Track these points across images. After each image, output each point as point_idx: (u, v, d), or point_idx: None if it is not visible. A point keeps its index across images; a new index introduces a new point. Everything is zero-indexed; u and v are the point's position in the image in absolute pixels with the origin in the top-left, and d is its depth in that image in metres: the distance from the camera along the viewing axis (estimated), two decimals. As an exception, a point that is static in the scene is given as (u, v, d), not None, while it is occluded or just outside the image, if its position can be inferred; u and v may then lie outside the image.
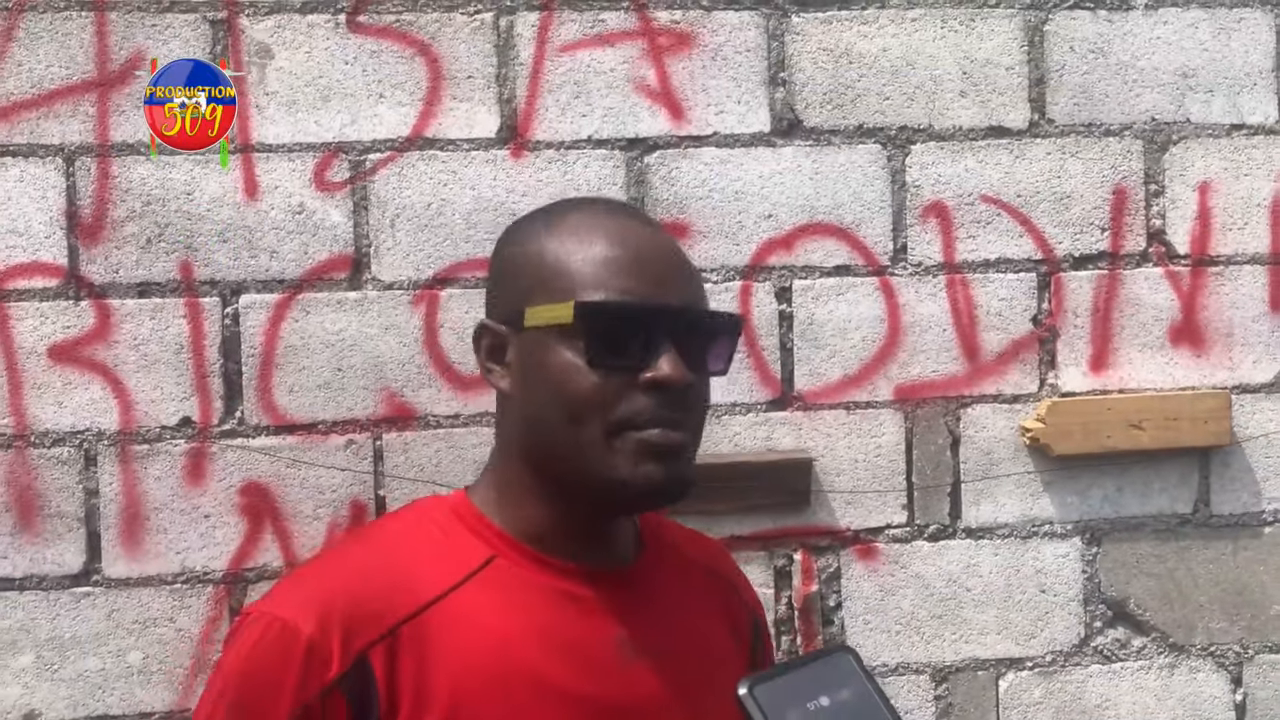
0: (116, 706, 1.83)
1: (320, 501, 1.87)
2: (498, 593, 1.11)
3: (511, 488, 1.16)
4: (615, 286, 1.11)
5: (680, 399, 1.10)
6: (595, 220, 1.16)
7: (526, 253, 1.17)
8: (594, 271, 1.12)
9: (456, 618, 1.08)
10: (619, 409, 1.09)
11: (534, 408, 1.14)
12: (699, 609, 1.22)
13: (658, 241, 1.18)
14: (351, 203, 1.88)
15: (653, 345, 1.09)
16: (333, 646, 1.04)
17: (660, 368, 1.09)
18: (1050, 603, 2.02)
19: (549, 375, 1.12)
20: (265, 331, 1.87)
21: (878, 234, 1.99)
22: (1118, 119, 2.03)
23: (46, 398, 1.83)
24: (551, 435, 1.12)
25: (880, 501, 1.98)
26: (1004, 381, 2.01)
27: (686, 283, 1.16)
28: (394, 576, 1.10)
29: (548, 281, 1.14)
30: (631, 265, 1.12)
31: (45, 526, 1.83)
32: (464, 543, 1.14)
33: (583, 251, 1.13)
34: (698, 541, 1.35)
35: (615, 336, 1.10)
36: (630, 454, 1.09)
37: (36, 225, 1.83)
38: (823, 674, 0.88)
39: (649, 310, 1.10)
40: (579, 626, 1.11)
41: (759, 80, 1.97)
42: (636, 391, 1.09)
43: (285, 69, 1.87)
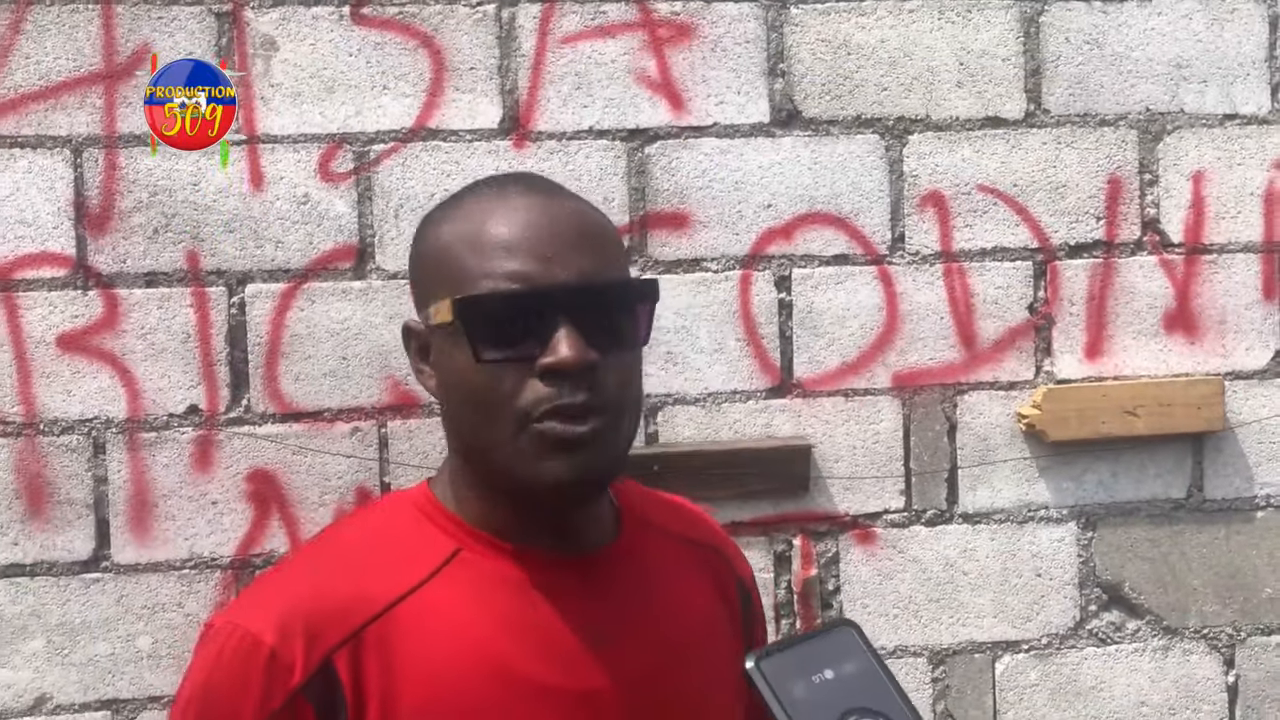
0: (126, 690, 1.86)
1: (326, 488, 1.89)
2: (464, 587, 1.08)
3: (462, 481, 1.11)
4: (499, 273, 1.05)
5: (586, 382, 1.04)
6: (485, 203, 1.10)
7: (426, 247, 1.13)
8: (476, 261, 1.06)
9: (422, 616, 1.05)
10: (518, 401, 1.03)
11: (450, 408, 1.11)
12: (682, 583, 1.19)
13: (552, 214, 1.09)
14: (356, 193, 1.91)
15: (548, 328, 1.03)
16: (295, 654, 1.02)
17: (554, 352, 1.02)
18: (1046, 586, 2.05)
19: (452, 375, 1.08)
20: (271, 320, 1.89)
21: (876, 223, 2.01)
22: (1113, 109, 2.05)
23: (55, 386, 1.85)
24: (467, 435, 1.09)
25: (878, 487, 2.01)
26: (1000, 369, 2.03)
27: (588, 254, 1.08)
28: (357, 579, 1.07)
29: (441, 276, 1.09)
30: (515, 246, 1.06)
31: (55, 513, 1.85)
32: (428, 538, 1.10)
33: (467, 240, 1.07)
34: (678, 511, 1.30)
35: (500, 328, 1.04)
36: (533, 450, 1.03)
37: (45, 216, 1.85)
38: (827, 648, 0.89)
39: (533, 294, 1.04)
40: (548, 615, 1.08)
41: (758, 71, 1.99)
42: (535, 380, 1.03)
43: (290, 61, 1.89)
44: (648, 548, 1.17)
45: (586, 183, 1.94)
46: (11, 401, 1.84)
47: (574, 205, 1.14)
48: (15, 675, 1.84)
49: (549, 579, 1.09)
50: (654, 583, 1.16)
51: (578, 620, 1.08)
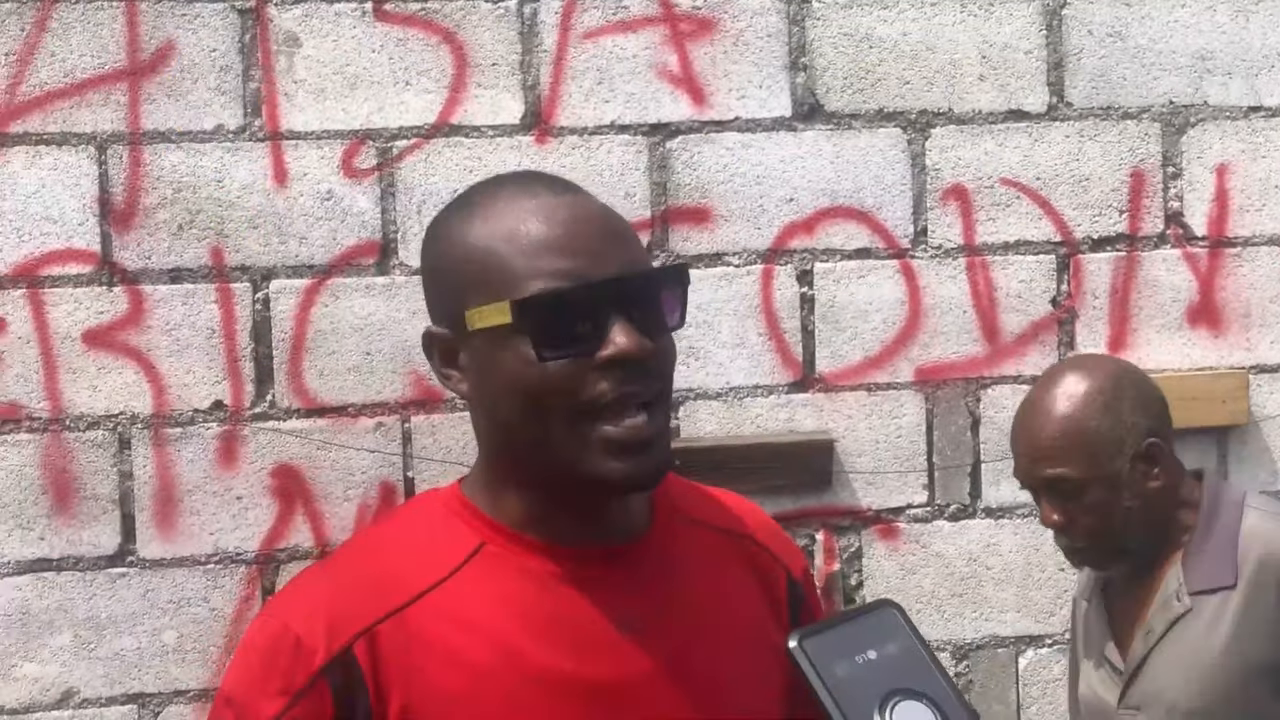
0: (152, 684, 1.87)
1: (350, 483, 1.90)
2: (486, 581, 1.09)
3: (495, 478, 1.14)
4: (549, 271, 1.06)
5: (643, 370, 1.05)
6: (514, 202, 1.11)
7: (453, 251, 1.11)
8: (524, 261, 1.07)
9: (443, 609, 1.07)
10: (580, 395, 1.05)
11: (496, 409, 1.10)
12: (718, 575, 1.19)
13: (585, 210, 1.11)
14: (379, 189, 1.91)
15: (602, 322, 1.04)
16: (317, 640, 1.06)
17: (616, 342, 1.04)
18: (1069, 581, 2.04)
19: (504, 376, 1.07)
20: (295, 316, 1.90)
21: (898, 217, 2.01)
22: (1136, 102, 2.05)
23: (81, 382, 1.86)
24: (518, 434, 1.09)
25: (901, 482, 2.01)
26: (1023, 362, 2.03)
27: (622, 248, 1.10)
28: (381, 574, 1.10)
29: (480, 280, 1.08)
30: (562, 243, 1.07)
31: (81, 509, 1.86)
32: (454, 534, 1.12)
33: (508, 240, 1.08)
34: (718, 503, 1.29)
35: (561, 324, 1.05)
36: (600, 449, 1.05)
37: (70, 212, 1.86)
38: (870, 628, 0.89)
39: (589, 288, 1.05)
40: (572, 608, 1.09)
41: (780, 65, 1.99)
42: (595, 373, 1.04)
43: (313, 57, 1.90)
44: (681, 539, 1.17)
45: (608, 178, 1.94)
46: (38, 397, 1.85)
47: (597, 202, 1.15)
48: (43, 670, 1.85)
49: (574, 572, 1.10)
50: (685, 574, 1.16)
51: (602, 612, 1.09)
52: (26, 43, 1.84)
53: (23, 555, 1.85)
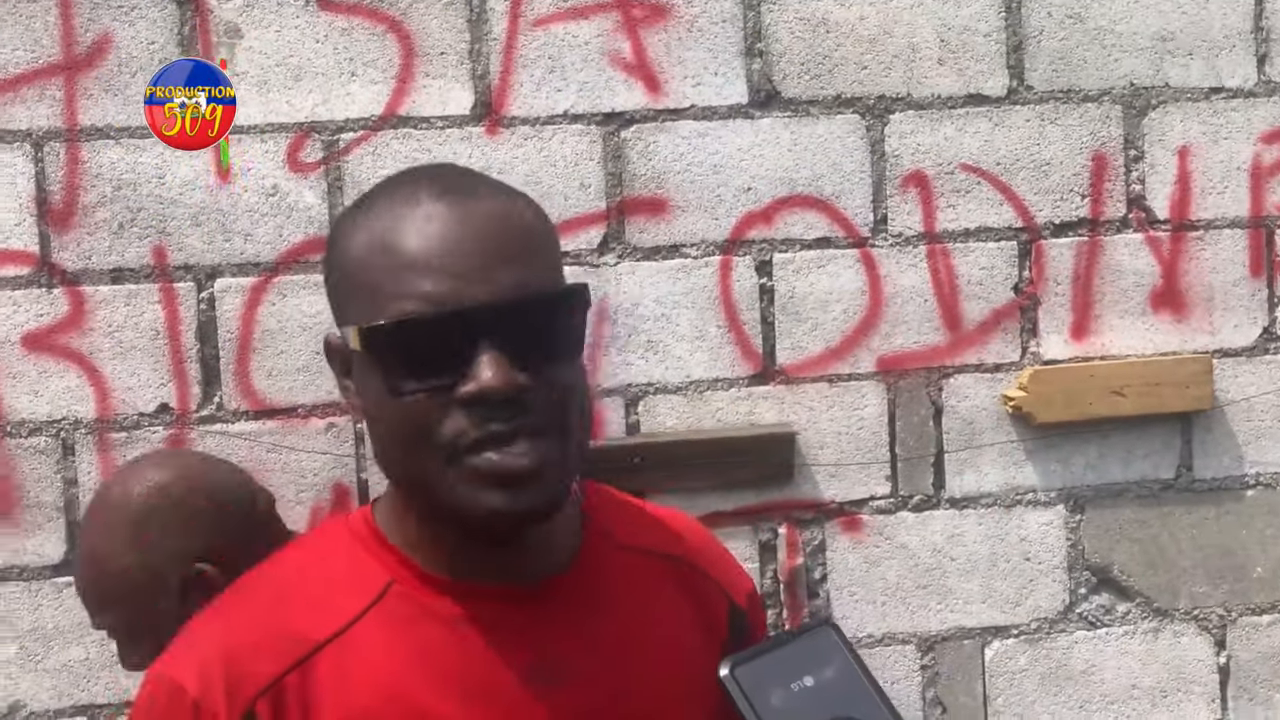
0: (102, 695, 1.83)
1: (303, 485, 1.86)
2: (393, 626, 1.01)
3: (399, 507, 1.05)
4: (412, 294, 0.95)
5: (515, 408, 0.95)
6: (396, 209, 0.99)
7: (339, 259, 1.03)
8: (389, 280, 0.96)
9: (346, 660, 0.99)
10: (442, 433, 0.94)
11: (373, 433, 1.02)
12: (650, 607, 1.09)
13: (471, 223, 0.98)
14: (325, 183, 1.86)
15: (468, 352, 0.94)
16: (218, 703, 0.97)
17: (475, 379, 0.93)
18: (1035, 570, 2.03)
19: (371, 405, 0.99)
20: (242, 316, 1.85)
21: (858, 205, 1.98)
22: (1096, 84, 2.02)
23: (21, 387, 1.81)
24: (395, 466, 1.00)
25: (864, 473, 1.98)
26: (986, 351, 2.00)
27: (506, 266, 0.97)
28: (281, 621, 1.01)
29: (353, 296, 1.00)
30: (429, 263, 0.95)
31: (25, 517, 1.81)
32: (361, 570, 1.03)
33: (374, 256, 0.97)
34: (659, 525, 1.20)
35: (414, 356, 0.94)
36: (469, 483, 0.95)
37: (6, 213, 1.81)
38: (806, 652, 0.86)
39: (449, 316, 0.94)
40: (481, 657, 1.00)
41: (736, 51, 1.95)
42: (457, 410, 0.94)
43: (255, 49, 1.84)
44: (610, 569, 1.08)
45: (562, 168, 1.90)
46: (-23, 403, 1.80)
47: (495, 206, 1.02)
48: (-12, 682, 1.81)
49: (487, 615, 1.00)
50: (611, 609, 1.07)
51: (517, 660, 1.00)
52: (-44, 37, 1.78)
53: (-36, 566, 1.80)
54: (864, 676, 0.84)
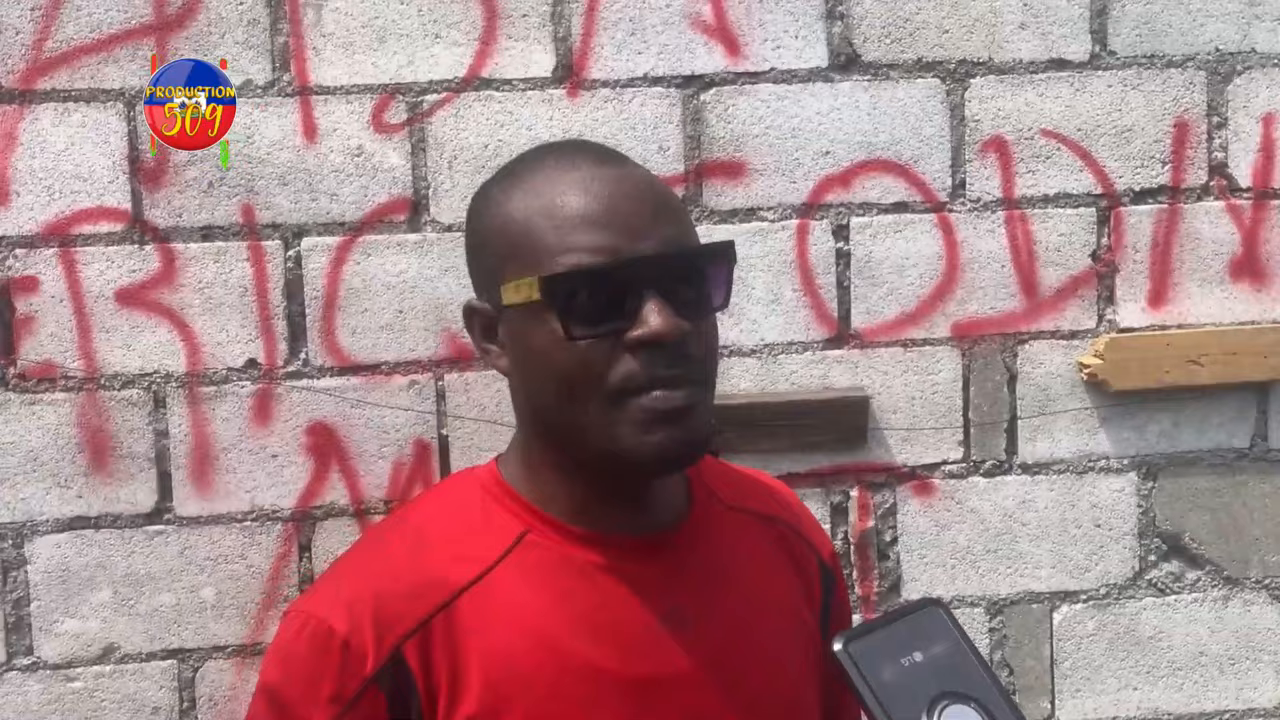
0: (191, 640, 1.89)
1: (385, 441, 1.90)
2: (530, 572, 1.07)
3: (533, 461, 1.11)
4: (583, 246, 1.02)
5: (678, 352, 1.02)
6: (554, 174, 1.07)
7: (491, 223, 1.09)
8: (555, 237, 1.03)
9: (487, 603, 1.05)
10: (611, 377, 1.01)
11: (531, 386, 1.08)
12: (756, 560, 1.17)
13: (627, 184, 1.06)
14: (409, 144, 1.89)
15: (635, 301, 1.01)
16: (366, 643, 1.03)
17: (645, 324, 1.00)
18: (1105, 537, 2.03)
19: (535, 353, 1.05)
20: (327, 274, 1.88)
21: (936, 170, 1.97)
22: (1181, 50, 2.00)
23: (115, 341, 1.86)
24: (552, 413, 1.06)
25: (937, 438, 1.99)
26: (1062, 318, 2.00)
27: (664, 223, 1.05)
28: (425, 564, 1.07)
29: (513, 254, 1.06)
30: (597, 219, 1.03)
31: (118, 467, 1.87)
32: (495, 521, 1.10)
33: (542, 214, 1.04)
34: (755, 486, 1.28)
35: (591, 303, 1.01)
36: (633, 423, 1.01)
37: (100, 170, 1.85)
38: (915, 629, 0.88)
39: (621, 266, 1.01)
40: (613, 601, 1.06)
41: (816, 14, 1.94)
42: (627, 354, 1.01)
43: (341, 10, 1.87)
44: (720, 524, 1.16)
45: (640, 131, 1.91)
46: (72, 356, 1.85)
47: (643, 174, 1.11)
48: (84, 625, 1.87)
49: (617, 562, 1.08)
50: (726, 561, 1.14)
51: (646, 604, 1.07)
52: (52, -3, 1.82)
53: (61, 513, 1.86)
54: (972, 654, 0.86)
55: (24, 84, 1.82)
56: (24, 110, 1.83)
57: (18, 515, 1.86)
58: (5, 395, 1.84)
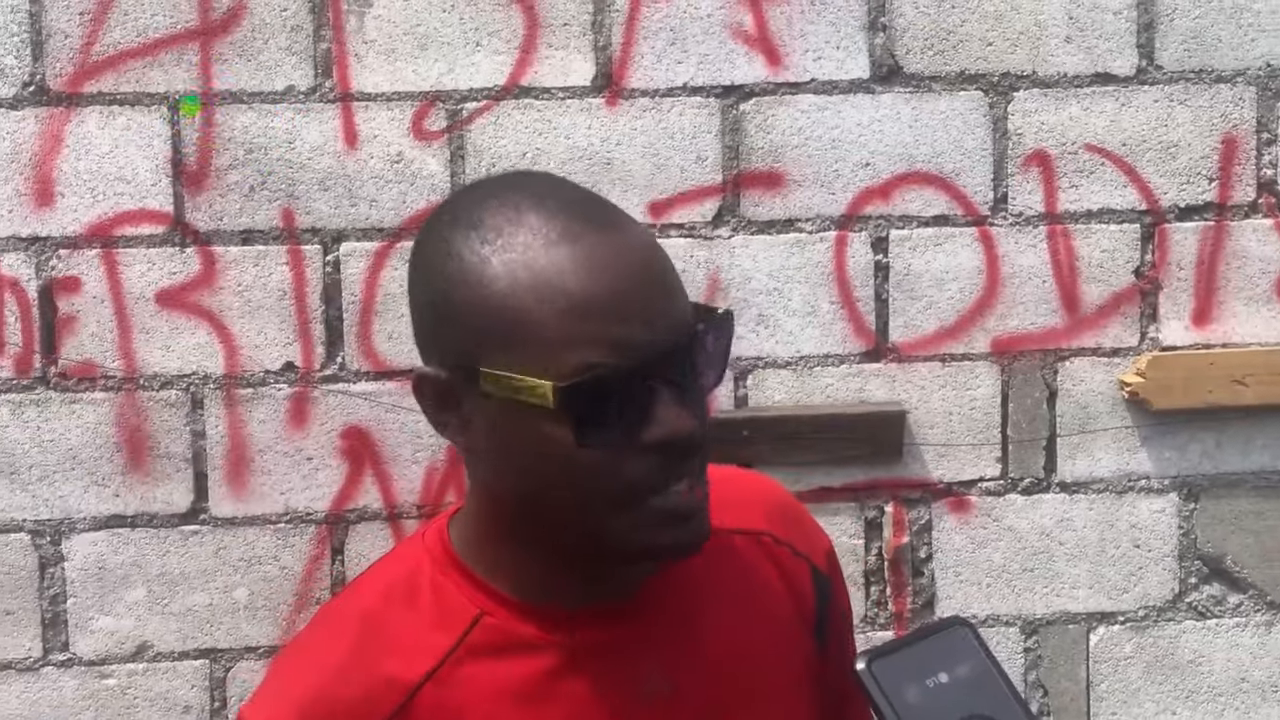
0: (224, 640, 1.90)
1: (418, 446, 1.91)
2: (486, 660, 0.98)
3: (492, 540, 1.01)
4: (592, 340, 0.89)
5: (692, 445, 0.93)
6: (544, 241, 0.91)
7: (464, 291, 0.93)
8: (559, 327, 0.89)
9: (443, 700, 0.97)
10: (625, 478, 0.92)
11: (515, 483, 0.97)
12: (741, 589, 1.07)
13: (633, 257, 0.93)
14: (448, 152, 1.90)
15: (646, 396, 0.91)
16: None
17: (663, 425, 0.91)
18: (1144, 558, 2.00)
19: (528, 455, 0.93)
20: (365, 279, 1.89)
21: (978, 183, 1.96)
22: (1230, 65, 1.97)
23: (154, 342, 1.88)
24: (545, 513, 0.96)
25: (974, 454, 1.97)
26: (1104, 334, 1.98)
27: (670, 303, 0.93)
28: (375, 665, 0.98)
29: (501, 339, 0.91)
30: (608, 308, 0.90)
31: (155, 467, 1.89)
32: (446, 602, 1.00)
33: (538, 297, 0.90)
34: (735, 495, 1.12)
35: (607, 406, 0.90)
36: (647, 525, 0.94)
37: (143, 173, 1.87)
38: (941, 649, 0.86)
39: (640, 364, 0.90)
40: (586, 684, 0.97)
41: (858, 25, 1.93)
42: (640, 455, 0.92)
43: (384, 17, 1.88)
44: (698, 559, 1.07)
45: (679, 141, 1.91)
46: (112, 356, 1.87)
47: (641, 237, 0.98)
48: (119, 623, 1.89)
49: (584, 639, 0.99)
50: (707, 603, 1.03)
51: (619, 678, 0.96)
52: (100, 2, 1.84)
53: (99, 511, 1.88)
54: (999, 675, 0.84)
55: (71, 87, 1.85)
56: (70, 113, 1.85)
57: (56, 512, 1.88)
58: (46, 394, 1.87)
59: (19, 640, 1.88)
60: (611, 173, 1.89)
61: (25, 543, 1.88)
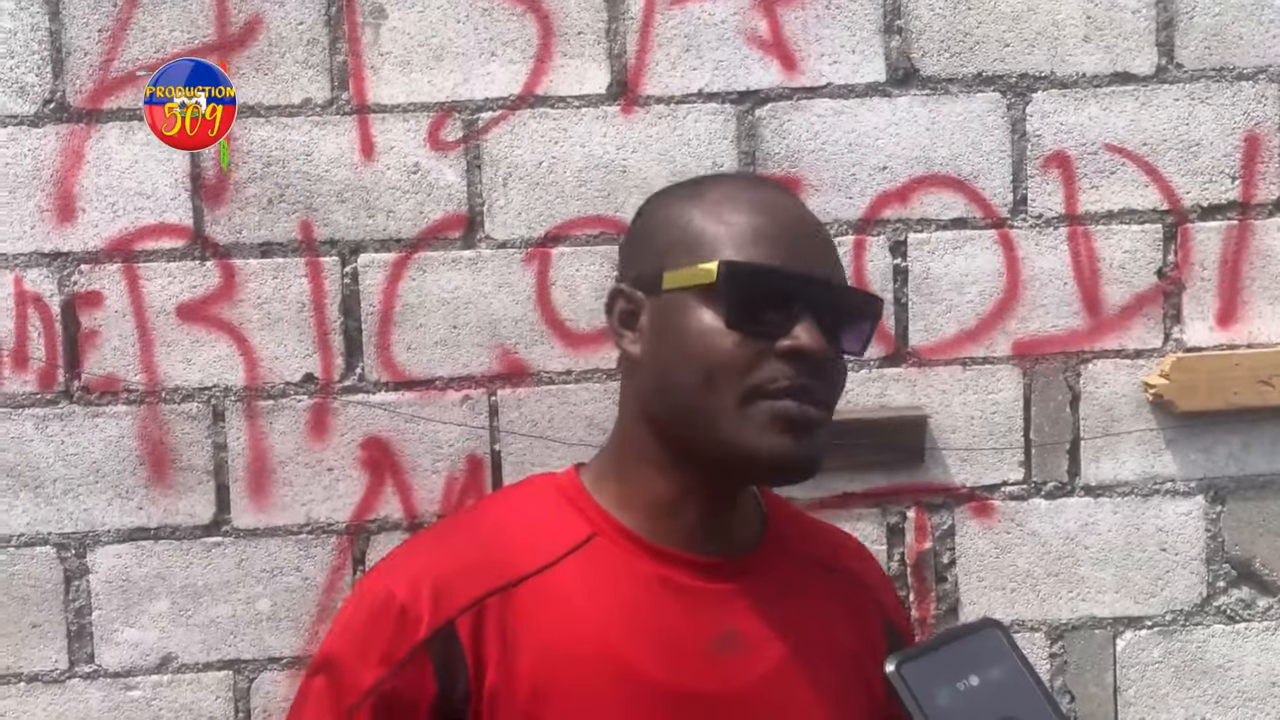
0: (247, 651, 1.91)
1: (438, 456, 1.91)
2: (592, 573, 1.10)
3: (629, 462, 1.15)
4: (760, 252, 1.10)
5: (818, 371, 1.08)
6: (739, 191, 1.16)
7: (670, 218, 1.17)
8: (739, 236, 1.11)
9: (547, 595, 1.08)
10: (755, 374, 1.07)
11: (666, 372, 1.12)
12: (816, 609, 1.17)
13: (802, 214, 1.17)
14: (465, 162, 1.90)
15: (793, 314, 1.08)
16: (423, 611, 1.07)
17: (800, 336, 1.07)
18: (1171, 561, 1.98)
19: (685, 337, 1.10)
20: (383, 290, 1.90)
21: (997, 185, 1.94)
22: (1252, 62, 1.95)
23: (176, 355, 1.89)
24: (683, 399, 1.10)
25: (997, 459, 1.96)
26: (1127, 336, 1.96)
27: (829, 258, 1.15)
28: (490, 550, 1.11)
29: (690, 245, 1.13)
30: (776, 233, 1.11)
31: (177, 479, 1.90)
32: (566, 520, 1.13)
33: (728, 217, 1.12)
34: (827, 537, 1.30)
35: (757, 301, 1.08)
36: (762, 423, 1.07)
37: (163, 188, 1.88)
38: (972, 651, 0.86)
39: (792, 278, 1.09)
40: (673, 617, 1.09)
41: (874, 28, 1.92)
42: (774, 359, 1.07)
43: (399, 29, 1.88)
44: (785, 565, 1.17)
45: (695, 147, 1.91)
46: (134, 370, 1.88)
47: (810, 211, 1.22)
48: (143, 635, 1.90)
49: (680, 579, 1.10)
50: (785, 598, 1.15)
51: (702, 624, 1.08)
52: (118, 19, 1.86)
53: (122, 524, 1.89)
54: (1030, 678, 0.84)
55: (91, 103, 1.86)
56: (90, 129, 1.87)
57: (80, 525, 1.89)
58: (69, 408, 1.88)
59: (45, 653, 1.89)
60: (628, 180, 1.89)
61: (50, 556, 1.89)
